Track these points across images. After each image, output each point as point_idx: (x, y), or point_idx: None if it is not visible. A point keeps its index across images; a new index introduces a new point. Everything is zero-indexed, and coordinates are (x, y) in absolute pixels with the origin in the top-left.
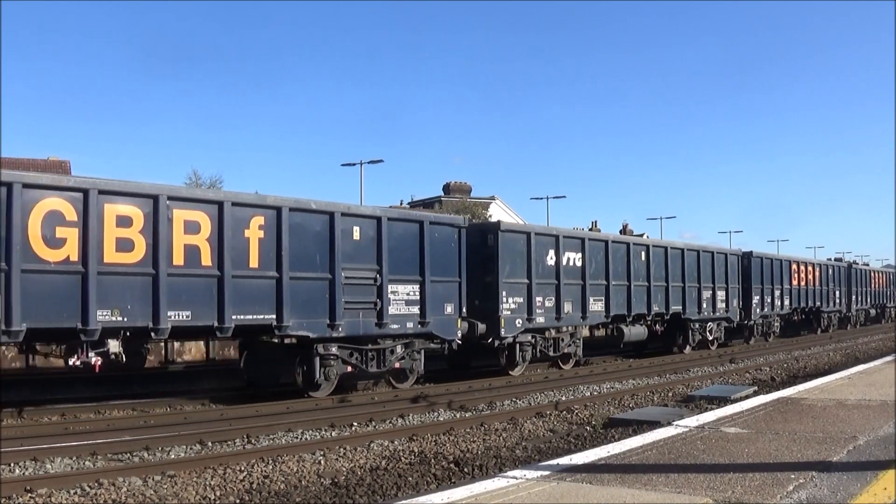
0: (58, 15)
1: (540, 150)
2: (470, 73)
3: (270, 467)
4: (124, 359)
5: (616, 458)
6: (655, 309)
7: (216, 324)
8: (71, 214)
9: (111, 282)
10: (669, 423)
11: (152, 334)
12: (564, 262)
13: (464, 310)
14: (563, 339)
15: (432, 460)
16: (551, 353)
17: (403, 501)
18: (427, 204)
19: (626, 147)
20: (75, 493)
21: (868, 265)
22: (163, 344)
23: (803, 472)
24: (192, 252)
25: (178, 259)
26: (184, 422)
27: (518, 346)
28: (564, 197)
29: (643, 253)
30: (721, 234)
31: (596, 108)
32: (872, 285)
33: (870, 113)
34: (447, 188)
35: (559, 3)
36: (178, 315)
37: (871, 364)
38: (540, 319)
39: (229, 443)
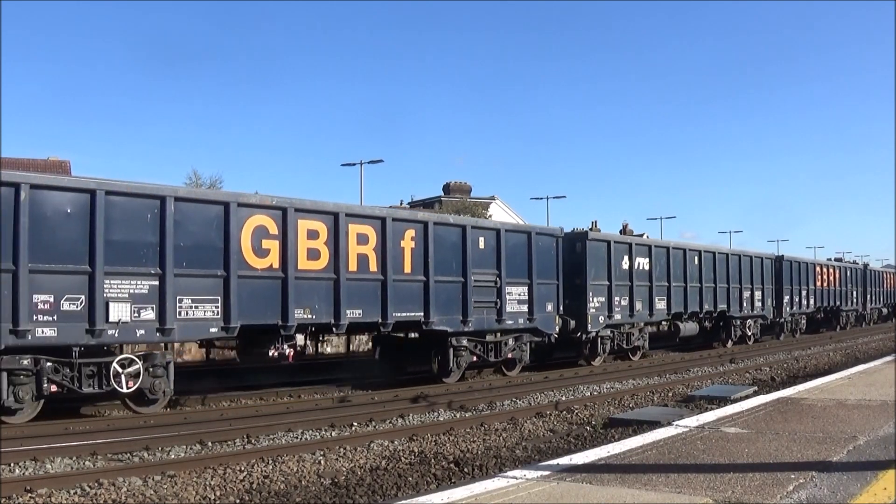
0: (58, 15)
1: (540, 150)
2: (470, 73)
3: (270, 467)
4: (310, 350)
5: (616, 458)
6: (706, 307)
7: (380, 320)
8: (273, 228)
9: (303, 285)
10: (669, 423)
11: (333, 329)
12: (636, 267)
13: (560, 308)
14: (633, 334)
15: (432, 460)
16: (625, 346)
17: (403, 501)
18: (427, 204)
19: (626, 147)
20: (75, 493)
21: (868, 265)
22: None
23: (803, 472)
24: (362, 260)
25: (353, 266)
26: (184, 422)
27: (599, 339)
28: (564, 197)
29: (696, 257)
30: (721, 233)
31: (596, 108)
32: (885, 286)
33: (870, 113)
34: (447, 188)
35: (559, 4)
36: (353, 313)
37: (871, 364)
38: (618, 316)
39: (229, 443)
